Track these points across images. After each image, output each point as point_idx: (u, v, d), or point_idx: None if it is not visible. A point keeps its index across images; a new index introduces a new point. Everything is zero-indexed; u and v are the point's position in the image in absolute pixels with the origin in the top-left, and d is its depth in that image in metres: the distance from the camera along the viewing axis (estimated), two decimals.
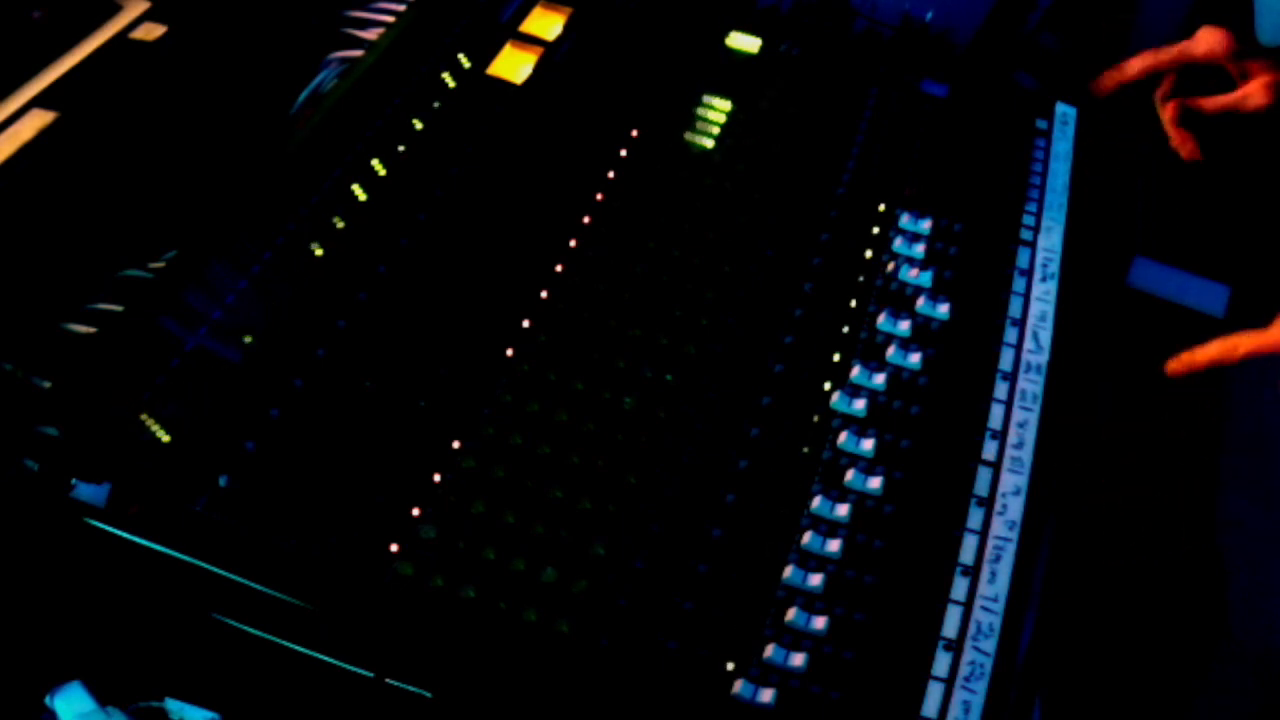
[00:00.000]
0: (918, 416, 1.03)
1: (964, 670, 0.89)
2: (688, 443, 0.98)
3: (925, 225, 1.17)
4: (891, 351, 1.06)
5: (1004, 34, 1.46)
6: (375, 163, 1.10)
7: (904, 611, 0.92)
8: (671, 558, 0.91)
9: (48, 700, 0.84)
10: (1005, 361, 1.08)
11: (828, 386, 1.03)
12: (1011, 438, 1.03)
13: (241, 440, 0.90)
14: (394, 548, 0.88)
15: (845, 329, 1.08)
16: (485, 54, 1.23)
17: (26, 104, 1.06)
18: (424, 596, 0.86)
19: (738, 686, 0.86)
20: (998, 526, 0.97)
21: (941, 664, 0.90)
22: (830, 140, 1.24)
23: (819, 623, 0.89)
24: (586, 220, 1.11)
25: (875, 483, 0.97)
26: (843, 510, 0.96)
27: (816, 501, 0.96)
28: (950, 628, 0.91)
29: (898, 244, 1.16)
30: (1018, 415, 1.04)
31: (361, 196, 1.07)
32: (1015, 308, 1.12)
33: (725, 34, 1.32)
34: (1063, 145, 1.28)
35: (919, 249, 1.15)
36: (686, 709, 0.86)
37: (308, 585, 0.85)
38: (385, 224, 1.07)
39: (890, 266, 1.13)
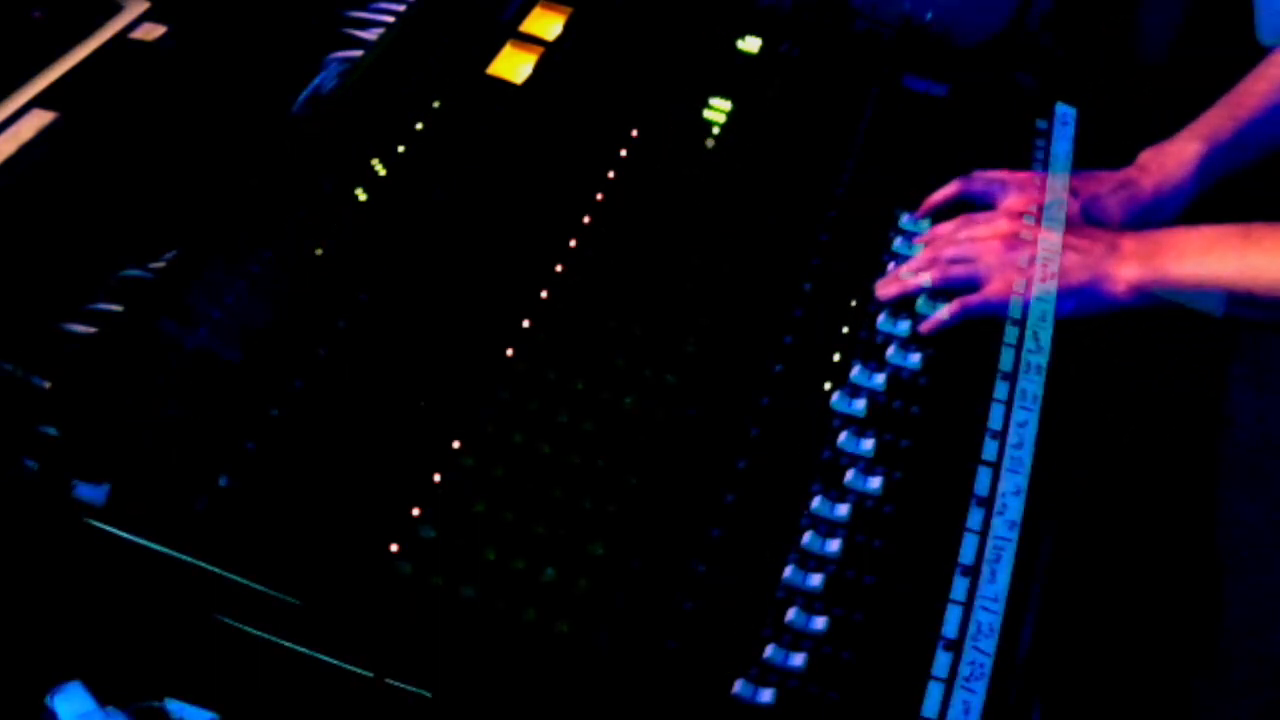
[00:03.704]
0: (918, 416, 1.03)
1: (964, 670, 0.89)
2: (688, 443, 0.98)
3: (925, 225, 1.17)
4: (891, 351, 1.06)
5: (1004, 34, 1.46)
6: (375, 162, 1.10)
7: (904, 611, 0.92)
8: (671, 558, 0.91)
9: (48, 700, 0.84)
10: (1005, 361, 1.08)
11: (828, 386, 1.03)
12: (1011, 438, 1.03)
13: (241, 440, 0.90)
14: (394, 548, 0.88)
15: (845, 329, 1.08)
16: (485, 54, 1.23)
17: (26, 104, 1.06)
18: (424, 596, 0.86)
19: (737, 686, 0.86)
20: (998, 526, 0.97)
21: (941, 664, 0.90)
22: (830, 140, 1.24)
23: (818, 623, 0.89)
24: (586, 220, 1.11)
25: (875, 483, 0.97)
26: (842, 510, 0.96)
27: (816, 501, 0.96)
28: (950, 628, 0.91)
29: (897, 244, 1.16)
30: (1018, 415, 1.04)
31: (362, 196, 1.07)
32: (1015, 305, 1.12)
33: (725, 34, 1.32)
34: (1063, 145, 1.28)
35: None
36: (686, 709, 0.86)
37: (308, 585, 0.85)
38: (385, 224, 1.06)
39: (890, 267, 1.13)
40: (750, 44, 1.31)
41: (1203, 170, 1.18)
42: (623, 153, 1.18)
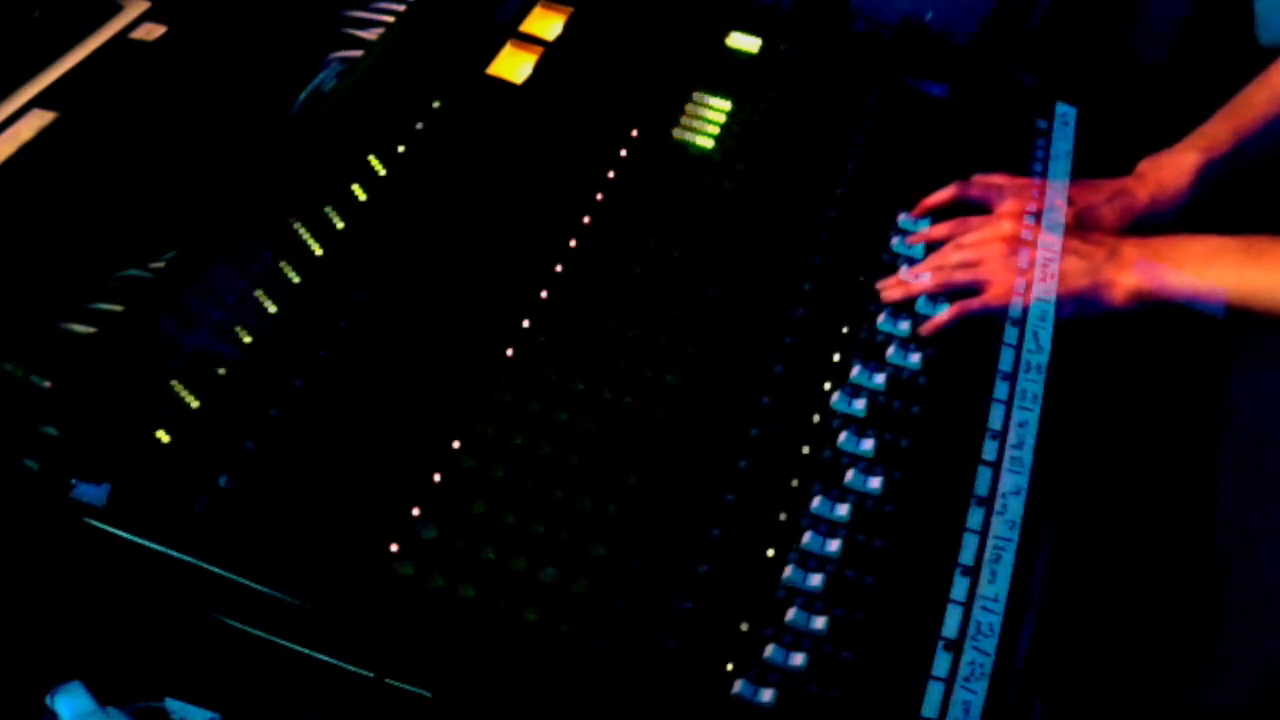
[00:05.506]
0: (918, 416, 1.03)
1: (964, 670, 0.89)
2: (688, 443, 0.98)
3: (925, 225, 1.17)
4: (891, 351, 1.06)
5: (1004, 33, 1.46)
6: (375, 162, 1.10)
7: (904, 611, 0.92)
8: (671, 558, 0.91)
9: (48, 700, 0.84)
10: (1005, 361, 1.08)
11: (828, 386, 1.03)
12: (1011, 438, 1.03)
13: (241, 440, 0.90)
14: (394, 548, 0.88)
15: (845, 329, 1.08)
16: (485, 54, 1.23)
17: (26, 104, 1.06)
18: (424, 596, 0.86)
19: (737, 686, 0.86)
20: (998, 526, 0.97)
21: (941, 664, 0.90)
22: (830, 140, 1.24)
23: (819, 622, 0.89)
24: (586, 220, 1.11)
25: (875, 483, 0.98)
26: (843, 510, 0.96)
27: (816, 501, 0.96)
28: (950, 628, 0.91)
29: (896, 243, 1.16)
30: (1018, 415, 1.04)
31: (361, 196, 1.07)
32: (1015, 307, 1.12)
33: (725, 34, 1.32)
34: (1063, 145, 1.28)
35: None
36: (686, 709, 0.86)
37: (308, 585, 0.85)
38: (385, 224, 1.07)
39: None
40: (750, 44, 1.31)
41: (1199, 181, 1.18)
42: (623, 153, 1.18)
